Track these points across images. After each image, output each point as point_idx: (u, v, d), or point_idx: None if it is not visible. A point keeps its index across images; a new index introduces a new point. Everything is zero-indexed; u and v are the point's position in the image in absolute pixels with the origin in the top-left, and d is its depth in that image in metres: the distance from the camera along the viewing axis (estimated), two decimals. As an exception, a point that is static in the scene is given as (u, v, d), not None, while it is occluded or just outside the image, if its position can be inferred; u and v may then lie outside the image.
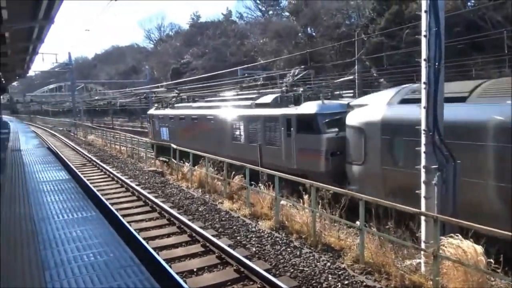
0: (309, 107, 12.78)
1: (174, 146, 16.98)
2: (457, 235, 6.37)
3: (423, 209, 7.09)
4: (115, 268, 5.02)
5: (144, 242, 8.65)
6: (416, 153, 7.26)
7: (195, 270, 7.46)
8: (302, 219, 9.27)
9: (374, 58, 27.27)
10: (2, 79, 30.78)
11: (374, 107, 10.64)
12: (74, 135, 40.15)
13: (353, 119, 11.02)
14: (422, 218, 7.03)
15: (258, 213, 10.63)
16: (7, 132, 27.76)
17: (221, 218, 10.56)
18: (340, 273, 7.02)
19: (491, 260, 5.92)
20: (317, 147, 12.03)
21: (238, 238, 9.05)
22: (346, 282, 6.70)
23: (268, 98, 15.29)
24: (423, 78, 7.07)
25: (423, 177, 7.15)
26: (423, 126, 7.12)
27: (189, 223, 9.73)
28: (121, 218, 10.48)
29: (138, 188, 13.80)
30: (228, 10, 73.08)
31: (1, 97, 56.17)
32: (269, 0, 62.92)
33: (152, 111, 25.44)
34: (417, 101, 7.55)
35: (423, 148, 7.16)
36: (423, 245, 6.91)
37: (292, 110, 13.31)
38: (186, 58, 63.98)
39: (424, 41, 6.98)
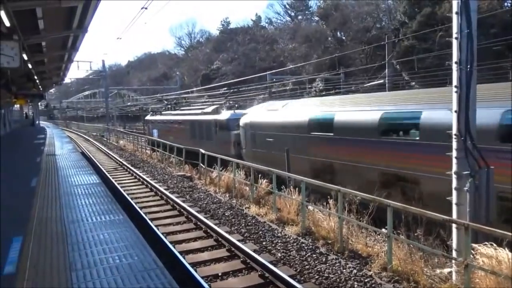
0: (225, 115, 20.54)
1: (203, 151, 17.13)
2: (491, 244, 6.11)
3: (454, 216, 6.85)
4: (139, 271, 5.08)
5: (170, 245, 8.74)
6: (264, 141, 14.45)
7: (220, 274, 7.46)
8: (329, 225, 9.14)
9: (405, 61, 26.75)
10: (40, 87, 32.12)
11: (250, 114, 17.91)
12: (107, 140, 41.22)
13: (241, 121, 17.92)
14: (453, 225, 6.78)
15: (284, 218, 10.55)
16: (43, 137, 28.80)
17: (247, 223, 10.54)
18: (366, 280, 6.86)
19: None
20: (229, 140, 19.58)
21: (264, 243, 9.01)
22: (372, 290, 6.54)
23: (209, 108, 23.24)
24: (454, 81, 6.85)
25: (454, 183, 6.90)
26: (454, 131, 6.88)
27: (215, 227, 9.76)
28: (149, 221, 10.63)
29: (166, 192, 13.98)
30: (257, 16, 73.53)
31: (39, 103, 58.61)
32: (299, 4, 62.88)
33: (147, 117, 35.58)
34: (273, 111, 16.36)
35: (454, 154, 6.91)
36: (454, 254, 6.66)
37: (217, 116, 20.99)
38: (216, 64, 64.71)
39: (455, 43, 6.78)
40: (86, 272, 5.10)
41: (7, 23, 10.25)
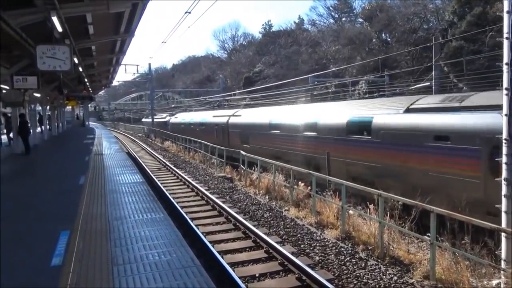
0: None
1: (243, 153, 17.25)
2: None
3: (503, 225, 6.51)
4: (176, 268, 5.19)
5: (209, 245, 8.86)
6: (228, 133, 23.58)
7: (257, 275, 7.48)
8: (370, 229, 8.94)
9: (453, 63, 25.74)
10: (90, 89, 33.58)
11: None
12: (152, 141, 42.43)
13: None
14: (503, 234, 6.44)
15: (324, 221, 10.42)
16: (92, 138, 30.05)
17: (286, 225, 10.50)
18: (407, 288, 6.65)
19: None
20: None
21: (302, 246, 8.94)
22: (414, 298, 6.32)
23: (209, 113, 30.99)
24: (505, 83, 6.54)
25: (504, 190, 6.57)
26: (504, 135, 6.55)
27: (254, 229, 9.79)
28: (189, 221, 10.82)
29: (207, 193, 14.19)
30: (300, 19, 73.16)
31: (89, 105, 61.23)
32: (343, 6, 62.07)
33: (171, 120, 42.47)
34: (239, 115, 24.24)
35: (504, 159, 6.58)
36: (503, 264, 6.32)
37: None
38: (258, 67, 64.98)
39: (506, 44, 6.47)
40: (127, 267, 5.26)
41: (59, 28, 10.81)
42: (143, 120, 56.88)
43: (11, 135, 22.04)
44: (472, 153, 8.94)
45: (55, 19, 10.15)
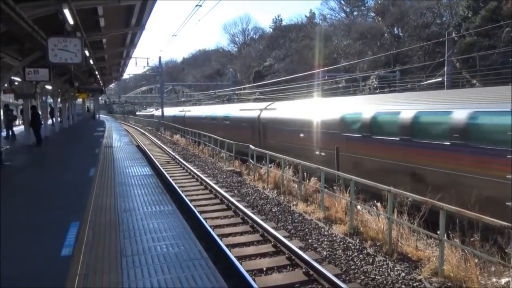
0: None
1: (252, 147, 17.25)
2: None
3: (514, 222, 6.42)
4: (184, 260, 5.22)
5: (217, 238, 8.90)
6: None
7: (264, 269, 7.49)
8: (378, 225, 8.90)
9: (466, 59, 25.40)
10: (101, 82, 33.80)
11: None
12: (161, 135, 42.62)
13: None
14: (513, 232, 6.36)
15: (332, 217, 10.40)
16: (103, 130, 30.28)
17: (294, 220, 10.50)
18: (415, 285, 6.61)
19: None
20: None
21: (310, 241, 8.93)
22: (421, 295, 6.29)
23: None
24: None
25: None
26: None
27: (262, 223, 9.80)
28: (198, 214, 10.88)
29: (215, 186, 14.23)
30: (311, 12, 72.68)
31: (99, 98, 61.56)
32: (355, 1, 61.53)
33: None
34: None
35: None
36: (512, 262, 6.25)
37: None
38: (269, 61, 64.85)
39: (520, 38, 6.35)
40: (135, 258, 5.31)
41: (71, 21, 10.86)
42: (139, 113, 51.75)
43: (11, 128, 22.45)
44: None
45: (66, 12, 10.20)
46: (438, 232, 7.01)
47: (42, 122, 20.34)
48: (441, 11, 43.30)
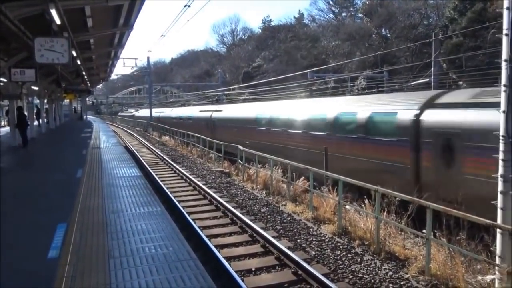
0: None
1: (241, 148, 17.25)
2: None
3: (499, 221, 6.53)
4: (173, 261, 5.21)
5: (206, 239, 8.88)
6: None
7: (253, 269, 7.51)
8: (366, 225, 8.97)
9: (453, 59, 25.72)
10: (88, 82, 33.49)
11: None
12: (149, 135, 42.38)
13: None
14: (498, 231, 6.47)
15: (321, 217, 10.45)
16: (90, 131, 30.01)
17: (283, 220, 10.53)
18: (402, 283, 6.69)
19: None
20: None
21: (299, 241, 8.97)
22: (408, 293, 6.36)
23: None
24: (503, 80, 6.53)
25: (500, 186, 6.58)
26: (501, 132, 6.56)
27: (251, 223, 9.81)
28: (186, 215, 10.84)
29: (204, 187, 14.20)
30: (300, 13, 72.86)
31: (87, 98, 61.01)
32: (343, 1, 61.82)
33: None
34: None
35: (500, 156, 6.59)
36: (497, 260, 6.36)
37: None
38: (257, 61, 64.88)
39: (505, 40, 6.44)
40: (123, 259, 5.28)
41: (57, 21, 10.75)
42: (121, 113, 54.38)
43: None
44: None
45: (53, 12, 10.09)
46: (425, 230, 7.11)
47: (29, 123, 20.06)
48: (428, 12, 43.79)
